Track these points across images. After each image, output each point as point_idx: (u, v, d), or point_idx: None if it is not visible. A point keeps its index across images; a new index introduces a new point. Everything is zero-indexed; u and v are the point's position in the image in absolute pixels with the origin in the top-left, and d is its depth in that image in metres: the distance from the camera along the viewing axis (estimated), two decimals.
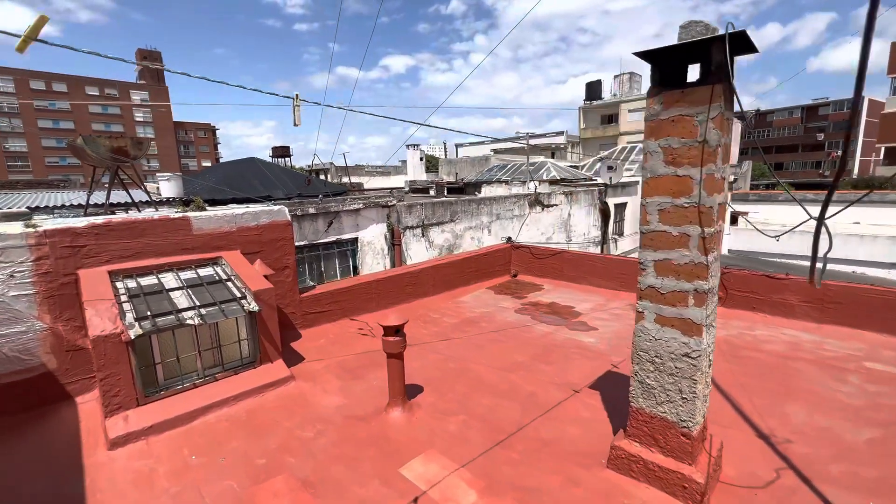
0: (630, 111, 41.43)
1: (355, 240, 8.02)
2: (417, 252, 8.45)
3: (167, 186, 12.95)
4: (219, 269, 3.57)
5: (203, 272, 3.46)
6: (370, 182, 27.40)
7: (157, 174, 16.66)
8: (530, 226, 10.02)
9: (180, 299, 3.09)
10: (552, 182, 13.66)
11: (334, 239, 7.66)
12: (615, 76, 45.99)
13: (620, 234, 14.97)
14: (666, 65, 1.89)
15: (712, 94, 1.79)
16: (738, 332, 4.44)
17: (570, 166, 18.97)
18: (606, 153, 22.37)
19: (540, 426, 2.80)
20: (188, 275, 3.39)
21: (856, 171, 60.26)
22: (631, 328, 4.85)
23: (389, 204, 7.96)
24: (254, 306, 3.12)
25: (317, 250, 7.73)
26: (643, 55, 1.90)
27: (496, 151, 25.71)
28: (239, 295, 3.28)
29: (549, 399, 3.13)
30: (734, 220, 12.99)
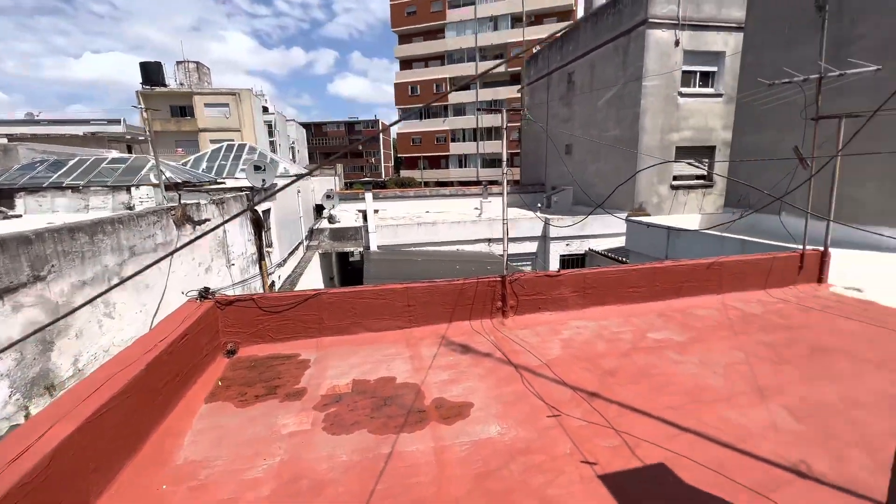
0: (207, 105, 37.35)
1: None
2: None
3: None
4: None
5: None
6: None
7: None
8: (184, 256, 6.28)
9: None
10: (169, 187, 9.62)
11: None
12: (178, 62, 40.11)
13: (270, 245, 12.89)
14: None
15: None
16: (559, 338, 4.21)
17: (182, 164, 14.08)
18: (212, 150, 18.48)
19: None
20: None
21: (383, 174, 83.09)
22: (513, 391, 3.15)
23: None
24: None
25: None
26: None
27: (12, 138, 15.68)
28: None
29: None
30: (365, 217, 13.92)
